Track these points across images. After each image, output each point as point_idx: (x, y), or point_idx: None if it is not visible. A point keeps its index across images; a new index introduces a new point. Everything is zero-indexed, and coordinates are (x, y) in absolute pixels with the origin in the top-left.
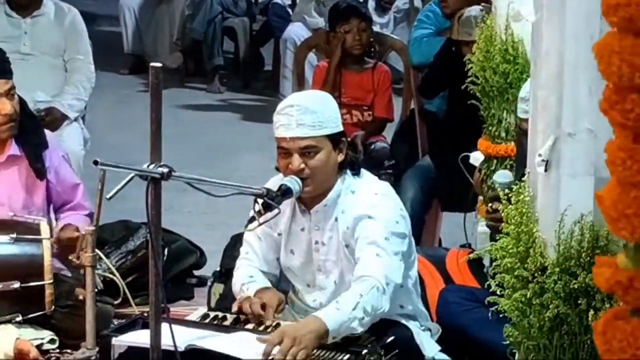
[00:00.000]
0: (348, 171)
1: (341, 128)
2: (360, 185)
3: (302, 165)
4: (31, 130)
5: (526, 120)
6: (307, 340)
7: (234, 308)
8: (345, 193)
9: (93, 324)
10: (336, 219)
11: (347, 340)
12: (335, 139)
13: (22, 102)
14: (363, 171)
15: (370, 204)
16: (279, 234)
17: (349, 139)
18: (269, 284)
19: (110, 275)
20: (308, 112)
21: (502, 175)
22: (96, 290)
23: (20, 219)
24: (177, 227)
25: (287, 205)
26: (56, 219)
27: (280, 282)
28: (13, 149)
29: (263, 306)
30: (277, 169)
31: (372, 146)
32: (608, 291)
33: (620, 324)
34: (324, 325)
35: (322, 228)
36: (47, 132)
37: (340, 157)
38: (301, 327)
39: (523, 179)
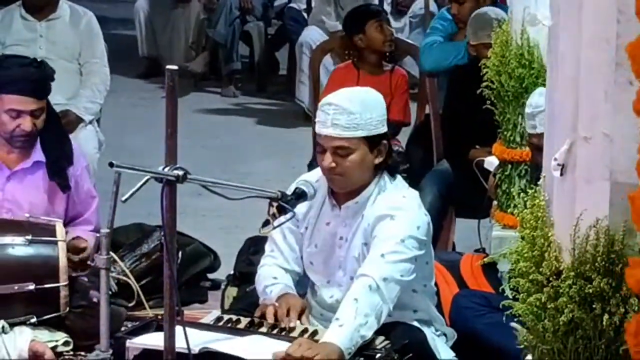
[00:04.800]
0: (385, 173)
1: (383, 130)
2: (391, 186)
3: (333, 164)
4: (56, 144)
5: (534, 135)
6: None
7: (258, 313)
8: (377, 193)
9: (107, 327)
10: (362, 217)
11: (361, 345)
12: (373, 141)
13: (54, 115)
14: (397, 176)
15: (395, 205)
16: (306, 228)
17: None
18: (292, 286)
19: (125, 278)
20: (345, 113)
21: None
22: (110, 292)
23: (36, 220)
24: (191, 230)
25: (317, 200)
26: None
27: (298, 283)
28: (39, 155)
29: (287, 311)
30: (309, 166)
31: None
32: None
33: None
34: (337, 347)
35: (349, 225)
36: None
37: (378, 160)
38: (317, 347)
39: (539, 182)
